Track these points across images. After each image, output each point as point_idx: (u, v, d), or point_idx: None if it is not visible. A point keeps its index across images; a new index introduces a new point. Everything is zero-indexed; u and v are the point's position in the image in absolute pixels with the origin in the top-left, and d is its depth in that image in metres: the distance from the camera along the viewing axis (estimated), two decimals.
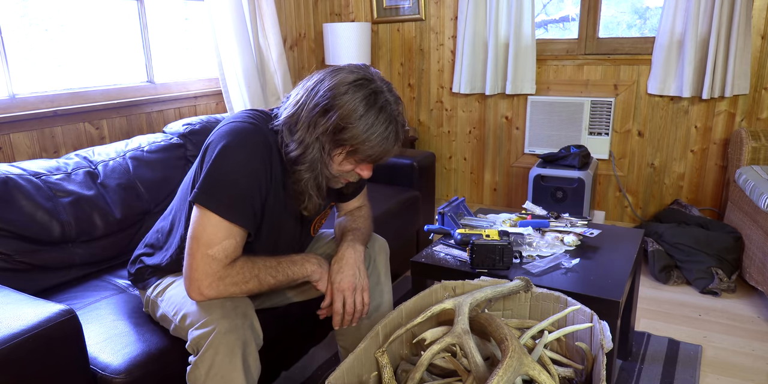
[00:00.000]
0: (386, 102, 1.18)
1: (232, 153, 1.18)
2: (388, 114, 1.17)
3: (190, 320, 1.20)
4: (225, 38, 2.64)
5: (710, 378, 1.82)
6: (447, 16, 3.36)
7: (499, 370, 0.97)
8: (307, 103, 1.19)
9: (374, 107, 1.16)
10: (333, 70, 1.21)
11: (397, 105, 1.20)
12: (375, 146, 1.17)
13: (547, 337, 1.19)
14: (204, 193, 1.18)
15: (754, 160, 2.56)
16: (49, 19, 2.22)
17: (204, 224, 1.17)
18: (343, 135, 1.16)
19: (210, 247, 1.15)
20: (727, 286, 2.38)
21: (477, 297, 1.26)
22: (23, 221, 1.61)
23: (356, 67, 1.21)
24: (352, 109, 1.14)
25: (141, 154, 2.01)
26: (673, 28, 2.74)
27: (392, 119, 1.18)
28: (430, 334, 1.23)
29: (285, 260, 1.26)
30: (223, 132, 1.21)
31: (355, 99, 1.15)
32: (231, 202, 1.17)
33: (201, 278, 1.16)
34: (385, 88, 1.20)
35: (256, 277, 1.20)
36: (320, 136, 1.18)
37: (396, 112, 1.19)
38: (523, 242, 1.73)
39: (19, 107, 2.02)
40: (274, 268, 1.23)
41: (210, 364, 1.13)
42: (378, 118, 1.16)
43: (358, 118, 1.15)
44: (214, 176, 1.18)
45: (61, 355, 1.14)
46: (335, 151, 1.20)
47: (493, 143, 3.43)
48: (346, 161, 1.23)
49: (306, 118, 1.18)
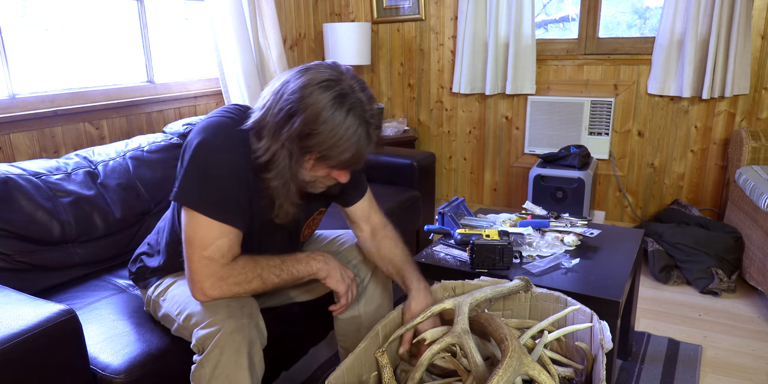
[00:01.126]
0: (356, 103, 1.09)
1: (210, 149, 1.14)
2: (357, 116, 1.08)
3: (195, 320, 1.20)
4: (225, 38, 2.64)
5: (710, 378, 1.82)
6: (447, 16, 3.36)
7: (499, 370, 0.97)
8: (273, 107, 1.10)
9: (341, 110, 1.06)
10: (300, 70, 1.12)
11: (370, 104, 1.12)
12: (344, 152, 1.09)
13: (546, 337, 1.19)
14: (185, 193, 1.15)
15: (754, 160, 2.56)
16: (49, 19, 2.22)
17: (194, 226, 1.15)
18: (308, 141, 1.08)
19: (205, 249, 1.14)
20: (727, 286, 2.38)
21: (477, 297, 1.26)
22: (23, 221, 1.61)
23: (325, 67, 1.12)
24: (317, 114, 1.05)
25: (141, 154, 2.01)
26: (673, 28, 2.74)
27: (362, 121, 1.09)
28: (430, 334, 1.23)
29: (289, 258, 1.24)
30: (200, 128, 1.18)
31: (321, 102, 1.06)
32: (214, 201, 1.14)
33: (203, 280, 1.15)
34: (357, 87, 1.11)
35: (259, 277, 1.18)
36: (286, 143, 1.10)
37: (368, 113, 1.10)
38: (523, 242, 1.73)
39: (19, 107, 2.02)
40: (277, 267, 1.21)
41: (216, 363, 1.13)
42: (346, 121, 1.06)
43: (323, 123, 1.06)
44: (192, 174, 1.15)
45: (61, 355, 1.14)
46: (304, 158, 1.13)
47: (493, 143, 3.43)
48: (317, 167, 1.15)
49: (271, 123, 1.10)
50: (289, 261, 1.24)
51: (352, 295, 1.33)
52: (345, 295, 1.31)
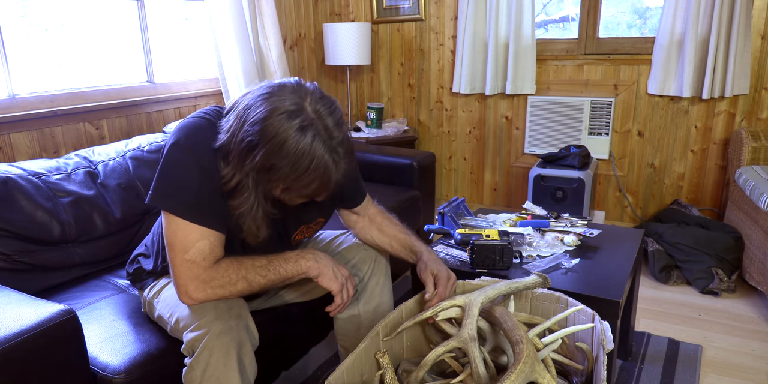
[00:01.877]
0: (319, 132, 1.04)
1: (183, 150, 1.12)
2: (321, 145, 1.03)
3: (184, 323, 1.19)
4: (225, 38, 2.64)
5: (710, 378, 1.82)
6: (447, 16, 3.36)
7: (511, 373, 0.98)
8: (236, 134, 1.06)
9: (303, 141, 1.02)
10: (262, 94, 1.07)
11: (338, 129, 1.07)
12: (309, 184, 1.07)
13: (557, 342, 1.18)
14: (159, 195, 1.14)
15: (754, 160, 2.56)
16: (49, 19, 2.22)
17: (173, 229, 1.13)
18: (271, 175, 1.06)
19: (185, 252, 1.13)
20: (727, 286, 2.38)
21: (489, 294, 1.23)
22: (23, 221, 1.61)
23: (289, 91, 1.06)
24: (278, 147, 1.02)
25: (141, 154, 2.01)
26: (673, 28, 2.74)
27: (328, 150, 1.04)
28: (442, 312, 1.22)
29: (277, 258, 1.21)
30: (176, 129, 1.16)
31: (281, 134, 1.01)
32: (190, 204, 1.12)
33: (186, 283, 1.14)
34: (323, 112, 1.06)
35: (244, 279, 1.16)
36: (250, 173, 1.08)
37: (334, 141, 1.05)
38: (523, 242, 1.73)
39: (19, 107, 2.02)
40: (263, 268, 1.18)
41: (205, 366, 1.13)
42: (309, 153, 1.02)
43: (285, 157, 1.02)
44: (165, 176, 1.14)
45: (61, 355, 1.14)
46: (270, 186, 1.11)
47: (493, 143, 3.43)
48: (285, 194, 1.14)
49: (235, 152, 1.07)
50: (276, 261, 1.20)
51: (348, 294, 1.27)
52: (339, 294, 1.25)
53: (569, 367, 1.25)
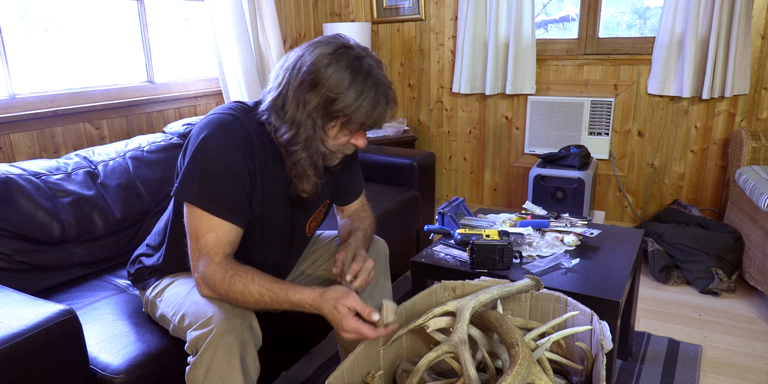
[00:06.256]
0: (370, 66, 1.17)
1: (211, 145, 1.17)
2: (374, 78, 1.16)
3: (189, 321, 1.20)
4: (225, 38, 2.64)
5: (710, 378, 1.82)
6: (447, 16, 3.36)
7: (508, 376, 0.98)
8: (291, 81, 1.16)
9: (360, 73, 1.14)
10: (308, 45, 1.19)
11: (380, 68, 1.19)
12: (368, 111, 1.16)
13: (550, 341, 1.18)
14: (184, 187, 1.18)
15: (754, 160, 2.56)
16: (49, 19, 2.22)
17: (189, 218, 1.18)
18: (335, 106, 1.15)
19: (197, 241, 1.17)
20: (727, 286, 2.38)
21: (481, 299, 1.23)
22: (23, 221, 1.61)
23: (332, 38, 1.20)
24: (340, 79, 1.13)
25: (141, 154, 2.01)
26: (673, 28, 2.74)
27: (380, 82, 1.17)
28: (433, 322, 1.22)
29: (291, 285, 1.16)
30: (203, 124, 1.20)
31: (340, 69, 1.14)
32: (212, 195, 1.16)
33: (197, 272, 1.18)
34: (365, 53, 1.18)
35: (257, 299, 1.14)
36: (312, 113, 1.16)
37: (381, 75, 1.19)
38: (523, 242, 1.73)
39: (19, 107, 2.02)
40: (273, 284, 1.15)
41: (209, 365, 1.13)
42: (366, 83, 1.15)
43: (348, 87, 1.13)
44: (193, 168, 1.17)
45: (61, 355, 1.14)
46: (329, 125, 1.18)
47: (493, 143, 3.43)
48: (341, 133, 1.21)
49: (293, 96, 1.16)
50: (287, 285, 1.16)
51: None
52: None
53: (569, 368, 1.25)
